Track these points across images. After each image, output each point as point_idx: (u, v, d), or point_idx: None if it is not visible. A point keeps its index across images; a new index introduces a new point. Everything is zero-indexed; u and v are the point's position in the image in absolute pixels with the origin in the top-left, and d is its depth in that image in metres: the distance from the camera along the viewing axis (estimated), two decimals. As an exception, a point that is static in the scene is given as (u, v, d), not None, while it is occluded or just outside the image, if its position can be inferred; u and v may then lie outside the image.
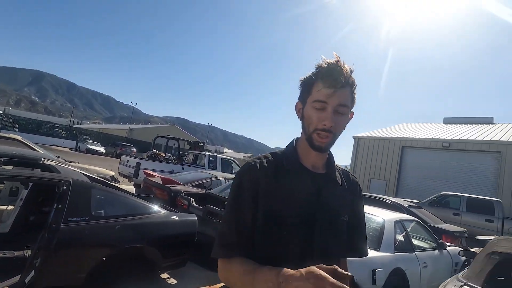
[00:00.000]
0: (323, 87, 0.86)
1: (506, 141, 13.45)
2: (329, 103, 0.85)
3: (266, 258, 0.82)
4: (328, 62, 0.88)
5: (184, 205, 4.84)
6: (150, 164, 9.39)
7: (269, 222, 0.85)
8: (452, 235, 6.18)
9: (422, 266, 3.57)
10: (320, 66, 0.88)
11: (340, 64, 0.86)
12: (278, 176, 0.90)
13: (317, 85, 0.87)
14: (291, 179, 0.90)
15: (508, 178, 12.79)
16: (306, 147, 0.94)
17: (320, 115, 0.87)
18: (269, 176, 0.89)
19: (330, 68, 0.86)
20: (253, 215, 0.86)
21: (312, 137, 0.89)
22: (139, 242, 2.83)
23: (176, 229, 3.23)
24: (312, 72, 0.90)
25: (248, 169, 0.91)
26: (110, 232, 2.68)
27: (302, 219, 0.87)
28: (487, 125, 17.92)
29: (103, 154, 27.10)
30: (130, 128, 52.13)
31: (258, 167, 0.90)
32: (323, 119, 0.86)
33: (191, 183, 6.49)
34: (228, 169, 10.59)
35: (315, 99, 0.87)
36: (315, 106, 0.87)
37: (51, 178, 2.67)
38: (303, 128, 0.94)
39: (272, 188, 0.87)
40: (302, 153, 0.96)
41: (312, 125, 0.89)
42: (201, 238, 3.93)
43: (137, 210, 3.02)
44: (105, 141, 33.25)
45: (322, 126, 0.86)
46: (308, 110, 0.90)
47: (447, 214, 10.24)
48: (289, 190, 0.88)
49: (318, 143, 0.89)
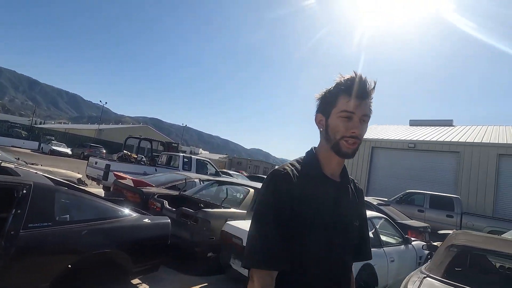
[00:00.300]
0: (350, 99, 0.94)
1: (464, 142, 14.53)
2: (356, 113, 0.94)
3: (297, 262, 0.89)
4: (352, 77, 0.96)
5: (157, 208, 4.71)
6: (121, 166, 9.02)
7: (298, 228, 0.91)
8: (417, 231, 6.56)
9: (390, 261, 3.76)
10: (343, 81, 0.97)
11: (364, 78, 0.96)
12: (306, 184, 0.95)
13: (343, 97, 0.95)
14: (316, 188, 0.97)
15: (466, 176, 13.82)
16: (328, 155, 1.01)
17: (347, 124, 0.94)
18: (300, 185, 0.93)
19: (357, 82, 0.95)
20: (287, 223, 0.90)
21: (340, 144, 0.96)
22: (107, 247, 2.71)
23: (148, 232, 3.13)
24: (333, 87, 0.99)
25: (281, 176, 0.94)
26: (76, 238, 2.54)
27: (326, 226, 0.95)
28: (448, 127, 19.25)
29: (69, 155, 25.60)
30: (100, 129, 49.70)
31: (291, 175, 0.94)
32: (351, 128, 0.94)
33: (165, 185, 6.32)
34: (203, 170, 10.45)
35: (342, 110, 0.95)
36: (342, 116, 0.95)
37: (9, 181, 2.48)
38: (327, 138, 1.00)
39: (302, 196, 0.93)
40: (323, 162, 1.02)
41: (339, 133, 0.95)
42: (174, 241, 3.85)
43: (105, 214, 2.89)
44: (72, 142, 31.43)
45: (351, 134, 0.94)
46: (334, 120, 0.97)
47: (412, 210, 10.86)
48: (316, 198, 0.95)
49: (345, 149, 0.96)
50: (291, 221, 0.90)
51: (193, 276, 3.92)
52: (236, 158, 51.91)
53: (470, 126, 19.27)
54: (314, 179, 0.97)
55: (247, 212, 4.72)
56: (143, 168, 9.51)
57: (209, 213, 4.15)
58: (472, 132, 16.59)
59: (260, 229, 0.89)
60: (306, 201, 0.92)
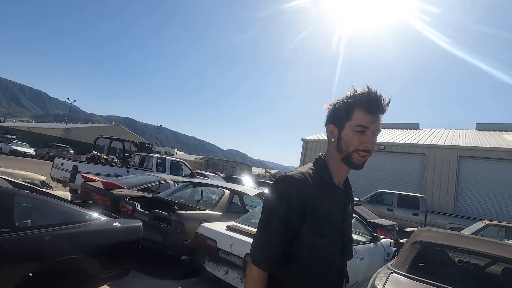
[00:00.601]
0: (367, 114, 0.97)
1: (428, 144, 15.47)
2: (370, 128, 0.97)
3: (306, 266, 0.94)
4: (369, 92, 0.98)
5: (128, 211, 4.55)
6: (90, 167, 8.60)
7: (315, 234, 0.95)
8: (385, 229, 6.88)
9: (360, 258, 3.90)
10: (359, 95, 0.99)
11: (380, 94, 0.98)
12: (319, 192, 0.98)
13: (359, 111, 0.98)
14: (329, 195, 1.00)
15: (430, 176, 14.72)
16: (337, 165, 1.05)
17: (361, 138, 0.98)
18: (313, 192, 0.96)
19: (373, 98, 0.98)
20: (298, 228, 0.93)
21: (352, 156, 1.00)
22: (73, 253, 2.57)
23: (118, 236, 3.01)
24: (346, 99, 1.01)
25: (295, 183, 0.95)
26: (38, 244, 2.39)
27: (336, 231, 1.01)
28: (414, 130, 20.41)
29: (33, 156, 23.96)
30: (67, 128, 46.98)
31: (305, 182, 0.96)
32: (365, 142, 0.97)
33: (137, 187, 6.12)
34: (178, 172, 10.24)
35: (357, 124, 0.97)
36: (357, 130, 0.98)
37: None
38: (338, 149, 1.03)
39: (317, 203, 0.96)
40: (332, 170, 1.05)
41: (352, 146, 0.99)
42: (147, 245, 3.74)
43: (71, 218, 2.74)
44: (36, 142, 29.45)
45: (364, 148, 0.98)
46: (348, 133, 1.00)
47: (382, 209, 11.38)
48: (329, 205, 0.99)
49: (357, 161, 1.00)
50: (301, 226, 0.93)
51: (166, 280, 3.83)
52: (213, 159, 51.38)
53: (434, 129, 20.56)
54: (326, 187, 1.01)
55: (222, 214, 4.69)
56: (114, 169, 9.13)
57: (183, 215, 4.08)
58: (436, 135, 17.72)
59: (266, 231, 0.94)
60: (318, 208, 0.95)
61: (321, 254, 0.96)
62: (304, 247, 0.94)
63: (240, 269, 3.23)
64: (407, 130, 20.23)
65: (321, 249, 0.96)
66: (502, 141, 15.18)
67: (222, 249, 3.45)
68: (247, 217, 4.30)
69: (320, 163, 1.07)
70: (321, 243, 0.95)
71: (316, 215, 0.94)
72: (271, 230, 0.93)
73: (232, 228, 3.66)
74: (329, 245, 0.98)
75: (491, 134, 17.50)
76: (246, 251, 3.21)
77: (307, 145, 19.60)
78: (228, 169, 44.12)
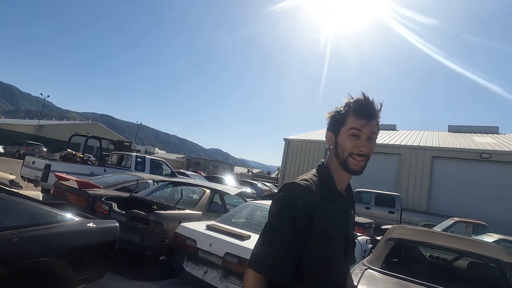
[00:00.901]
0: (358, 119, 0.99)
1: (404, 145, 16.10)
2: (363, 132, 0.99)
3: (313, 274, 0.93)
4: (360, 98, 1.02)
5: (104, 211, 4.41)
6: (64, 166, 8.25)
7: (322, 242, 0.94)
8: (363, 226, 7.10)
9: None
10: (352, 102, 1.02)
11: (371, 99, 1.02)
12: (324, 199, 0.98)
13: (351, 117, 1.01)
14: (333, 202, 1.01)
15: (406, 175, 15.33)
16: (339, 171, 1.06)
17: (355, 142, 1.00)
18: (318, 199, 0.96)
19: (364, 103, 1.01)
20: (306, 236, 0.92)
21: (348, 161, 1.01)
22: (43, 256, 2.46)
23: (92, 237, 2.91)
24: (342, 107, 1.05)
25: (302, 190, 0.96)
26: (6, 247, 2.27)
27: (342, 237, 1.02)
28: (391, 131, 21.16)
29: (1, 154, 22.63)
30: (40, 124, 44.74)
31: (311, 189, 0.97)
32: (359, 146, 0.99)
33: (114, 187, 5.94)
34: (157, 171, 10.03)
35: (351, 127, 1.00)
36: (350, 134, 1.00)
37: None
38: (336, 155, 1.05)
39: (324, 210, 0.96)
40: (335, 177, 1.07)
41: (347, 151, 1.00)
42: (124, 246, 3.64)
43: (42, 219, 2.62)
44: (5, 139, 27.81)
45: (358, 151, 0.99)
46: (342, 138, 1.02)
47: (360, 208, 11.72)
48: (334, 212, 1.00)
49: (353, 167, 1.01)
50: (308, 234, 0.92)
51: (144, 282, 3.75)
52: (194, 158, 50.76)
53: (410, 131, 21.41)
54: (330, 194, 1.02)
55: (202, 213, 4.66)
56: (90, 168, 8.81)
57: (161, 215, 4.01)
58: (412, 136, 18.46)
59: (274, 238, 0.92)
60: (325, 215, 0.96)
61: (328, 262, 0.97)
62: (311, 254, 0.93)
63: (220, 268, 3.22)
64: (385, 131, 20.93)
65: (328, 257, 0.96)
66: (471, 142, 16.06)
67: (201, 248, 3.42)
68: (227, 216, 4.29)
69: (323, 170, 1.08)
70: (327, 250, 0.96)
71: (322, 223, 0.94)
72: (278, 238, 0.91)
73: (212, 228, 3.64)
74: (335, 252, 0.99)
75: (462, 136, 18.47)
76: (225, 250, 3.21)
77: (289, 144, 19.81)
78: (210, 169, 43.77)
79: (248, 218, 4.22)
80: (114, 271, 3.51)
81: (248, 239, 3.34)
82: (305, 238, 0.92)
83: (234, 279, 3.10)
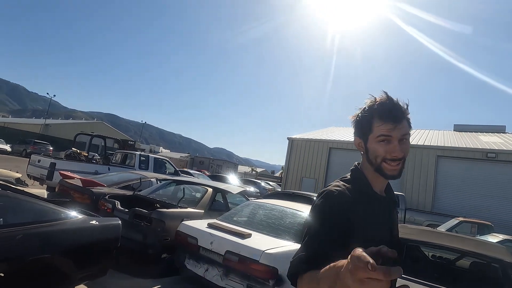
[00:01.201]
0: (385, 123, 0.94)
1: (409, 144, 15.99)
2: (394, 136, 0.94)
3: None
4: (384, 101, 0.96)
5: (107, 209, 4.46)
6: (69, 164, 8.35)
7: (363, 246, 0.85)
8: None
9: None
10: (375, 104, 0.96)
11: (396, 100, 0.96)
12: (361, 203, 0.94)
13: (377, 122, 0.95)
14: (372, 206, 0.97)
15: (410, 175, 15.21)
16: (374, 175, 1.01)
17: (386, 147, 0.94)
18: (356, 204, 0.93)
19: (388, 106, 0.95)
20: (346, 241, 0.85)
21: (382, 167, 0.96)
22: (47, 252, 2.50)
23: (95, 235, 2.95)
24: (365, 110, 0.99)
25: (338, 196, 0.92)
26: (9, 243, 2.31)
27: (385, 240, 0.95)
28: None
29: (8, 153, 22.97)
30: (46, 124, 45.27)
31: (348, 194, 0.94)
32: (391, 151, 0.94)
33: (118, 185, 6.00)
34: (161, 170, 10.10)
35: (379, 134, 0.95)
36: (380, 140, 0.95)
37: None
38: (369, 161, 1.00)
39: (362, 214, 0.92)
40: (371, 180, 1.02)
41: (379, 157, 0.95)
42: (126, 244, 3.69)
43: (46, 216, 2.67)
44: (12, 138, 28.20)
45: (392, 157, 0.94)
46: (372, 144, 0.97)
47: (363, 207, 11.65)
48: (373, 216, 0.96)
49: (390, 172, 0.96)
50: (349, 238, 0.87)
51: (146, 279, 3.79)
52: (198, 157, 50.95)
53: (415, 129, 21.24)
54: (367, 197, 0.98)
55: (204, 212, 4.68)
56: (95, 167, 8.90)
57: (164, 213, 4.04)
58: (417, 135, 18.30)
59: (313, 245, 0.86)
60: (364, 219, 0.92)
61: None
62: None
63: (220, 266, 3.24)
64: (389, 130, 20.77)
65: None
66: (477, 142, 15.87)
67: (202, 246, 3.45)
68: (229, 215, 4.31)
69: (357, 173, 1.05)
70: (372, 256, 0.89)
71: (362, 227, 0.90)
72: (318, 245, 0.85)
73: (213, 226, 3.66)
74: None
75: (468, 135, 18.26)
76: (226, 248, 3.23)
77: (292, 143, 19.78)
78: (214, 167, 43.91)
79: (249, 217, 4.23)
80: (116, 268, 3.56)
81: (249, 238, 3.36)
82: (346, 243, 0.85)
83: (234, 277, 3.12)
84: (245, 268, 3.05)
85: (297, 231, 3.68)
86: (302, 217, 3.93)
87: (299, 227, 3.74)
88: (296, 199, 6.75)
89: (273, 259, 2.99)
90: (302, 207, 4.33)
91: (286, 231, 3.69)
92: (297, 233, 3.63)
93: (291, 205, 4.47)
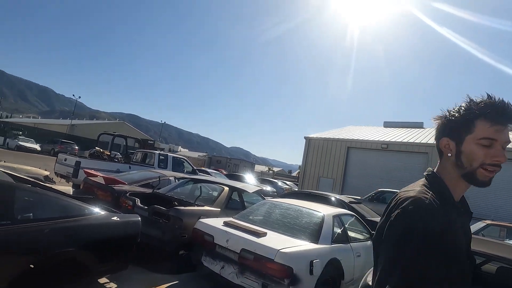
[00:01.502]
0: (493, 125, 0.87)
1: (432, 143, 15.34)
2: (499, 140, 0.88)
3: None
4: (491, 101, 0.89)
5: (128, 206, 4.62)
6: (93, 163, 8.71)
7: (450, 262, 0.83)
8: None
9: (356, 255, 3.93)
10: (480, 104, 0.89)
11: (507, 102, 0.89)
12: (447, 214, 0.88)
13: (482, 122, 0.88)
14: (456, 218, 0.91)
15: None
16: (455, 182, 0.95)
17: (488, 151, 0.88)
18: (445, 215, 0.87)
19: (499, 106, 0.88)
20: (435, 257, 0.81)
21: (477, 173, 0.90)
22: (71, 246, 2.64)
23: (116, 230, 3.08)
24: (464, 109, 0.92)
25: (428, 206, 0.86)
26: (38, 237, 2.46)
27: (466, 255, 0.91)
28: (418, 129, 20.26)
29: (38, 152, 24.28)
30: (72, 124, 47.44)
31: (435, 204, 0.87)
32: (494, 156, 0.88)
33: (138, 183, 6.20)
34: (179, 168, 10.32)
35: (483, 137, 0.88)
36: (482, 143, 0.88)
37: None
38: (459, 165, 0.93)
39: (449, 227, 0.86)
40: (451, 188, 0.96)
41: (477, 161, 0.89)
42: (145, 240, 3.81)
43: (71, 212, 2.81)
44: (41, 138, 29.80)
45: (494, 162, 0.88)
46: (470, 147, 0.90)
47: (382, 208, 11.26)
48: (458, 227, 0.91)
49: (483, 178, 0.90)
50: (438, 254, 0.82)
51: (164, 275, 3.90)
52: (216, 157, 51.54)
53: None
54: (450, 208, 0.92)
55: (220, 210, 4.75)
56: (116, 165, 9.24)
57: (181, 210, 4.14)
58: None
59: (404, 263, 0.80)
60: (451, 233, 0.86)
61: (457, 284, 0.86)
62: (441, 276, 0.81)
63: (236, 264, 3.28)
64: (411, 129, 20.09)
65: (457, 278, 0.85)
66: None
67: (218, 244, 3.50)
68: (245, 213, 4.34)
69: (437, 181, 0.97)
70: (454, 271, 0.84)
71: (449, 241, 0.84)
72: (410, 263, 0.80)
73: (229, 224, 3.71)
74: (463, 271, 0.88)
75: None
76: (241, 246, 3.26)
77: (309, 142, 19.58)
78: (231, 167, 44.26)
79: (265, 216, 4.24)
80: (135, 263, 3.68)
81: (264, 236, 3.37)
82: (434, 260, 0.81)
83: (250, 275, 3.15)
84: (260, 266, 3.07)
85: (313, 230, 3.65)
86: (319, 217, 3.90)
87: (316, 227, 3.70)
88: (313, 199, 6.70)
89: (288, 258, 2.99)
90: (318, 207, 4.29)
91: (302, 231, 3.67)
92: (313, 233, 3.61)
93: (307, 204, 4.44)
